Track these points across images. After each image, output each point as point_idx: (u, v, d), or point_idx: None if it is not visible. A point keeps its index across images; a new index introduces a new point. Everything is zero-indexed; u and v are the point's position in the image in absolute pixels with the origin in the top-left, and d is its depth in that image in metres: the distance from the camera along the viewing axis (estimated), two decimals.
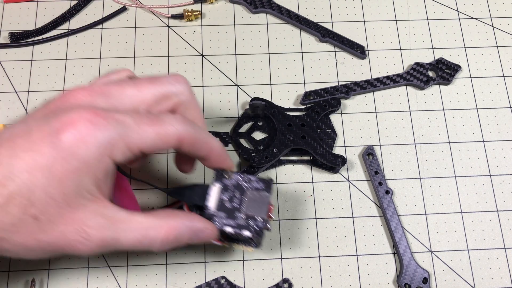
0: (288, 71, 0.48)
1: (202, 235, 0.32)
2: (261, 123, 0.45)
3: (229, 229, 0.33)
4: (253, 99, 0.44)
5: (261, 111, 0.44)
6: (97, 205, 0.29)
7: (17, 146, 0.27)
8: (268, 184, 0.35)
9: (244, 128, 0.45)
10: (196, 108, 0.34)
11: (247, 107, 0.45)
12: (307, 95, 0.46)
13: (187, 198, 0.35)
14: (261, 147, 0.44)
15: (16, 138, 0.27)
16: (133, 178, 0.36)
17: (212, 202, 0.34)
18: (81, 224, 0.28)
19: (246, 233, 0.34)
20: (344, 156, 0.43)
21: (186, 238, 0.32)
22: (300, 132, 0.44)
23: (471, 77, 0.48)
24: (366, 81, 0.47)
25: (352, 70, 0.48)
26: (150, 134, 0.29)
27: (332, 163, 0.42)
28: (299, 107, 0.46)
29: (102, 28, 0.49)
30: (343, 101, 0.47)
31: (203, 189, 0.34)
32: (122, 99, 0.30)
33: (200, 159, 0.34)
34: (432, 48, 0.49)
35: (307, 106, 0.46)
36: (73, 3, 0.49)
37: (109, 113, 0.28)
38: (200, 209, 0.35)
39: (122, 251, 0.36)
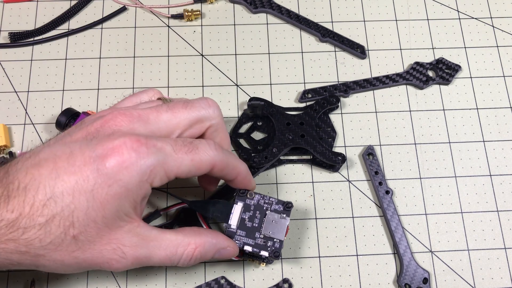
0: (288, 71, 0.48)
1: (224, 252, 0.35)
2: (260, 123, 0.45)
3: (248, 248, 0.36)
4: (251, 99, 0.44)
5: (260, 111, 0.44)
6: (132, 225, 0.31)
7: (59, 168, 0.28)
8: (287, 206, 0.37)
9: (244, 129, 0.45)
10: (225, 132, 0.36)
11: (246, 107, 0.45)
12: (306, 93, 0.46)
13: (210, 213, 0.37)
14: (261, 147, 0.44)
15: (58, 160, 0.28)
16: (157, 189, 0.38)
17: (234, 220, 0.37)
18: (118, 243, 0.30)
19: (264, 253, 0.36)
20: (344, 154, 0.43)
21: (210, 255, 0.34)
22: (299, 131, 0.43)
23: (471, 77, 0.48)
24: (365, 80, 0.47)
25: (352, 70, 0.48)
26: (186, 162, 0.31)
27: (332, 161, 0.42)
28: (298, 106, 0.46)
29: (102, 28, 0.49)
30: (343, 100, 0.47)
31: (226, 207, 0.37)
32: (159, 124, 0.32)
33: (226, 181, 0.36)
34: (432, 48, 0.49)
35: (306, 105, 0.46)
36: (73, 3, 0.49)
37: (150, 140, 0.30)
38: (214, 217, 0.37)
39: (152, 266, 0.39)
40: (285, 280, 0.40)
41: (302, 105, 0.46)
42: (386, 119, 0.46)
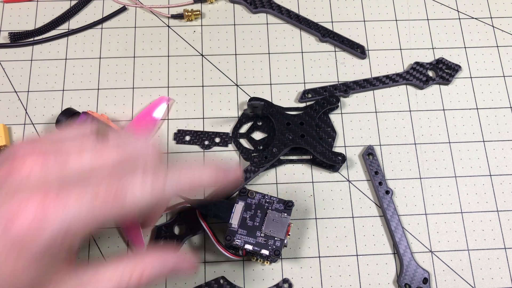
0: (288, 71, 0.48)
1: (179, 268, 0.30)
2: (260, 123, 0.45)
3: (249, 247, 0.37)
4: (251, 99, 0.44)
5: (260, 111, 0.44)
6: (62, 275, 0.26)
7: None
8: (288, 205, 0.38)
9: (244, 129, 0.45)
10: (162, 170, 0.29)
11: (246, 107, 0.45)
12: (305, 93, 0.46)
13: (212, 213, 0.38)
14: (261, 147, 0.44)
15: None
16: None
17: (235, 219, 0.37)
18: None
19: (265, 252, 0.36)
20: (344, 154, 0.43)
21: (162, 275, 0.30)
22: (299, 131, 0.43)
23: (471, 77, 0.48)
24: (365, 80, 0.47)
25: (352, 70, 0.48)
26: (111, 211, 0.26)
27: (332, 161, 0.42)
28: (298, 106, 0.46)
29: (102, 28, 0.49)
30: (343, 100, 0.47)
31: (228, 207, 0.38)
32: (79, 165, 0.27)
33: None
34: (432, 48, 0.49)
35: (306, 105, 0.46)
36: (73, 3, 0.49)
37: (62, 192, 0.25)
38: (215, 216, 0.38)
39: None
40: (285, 280, 0.40)
41: (302, 105, 0.46)
42: (386, 119, 0.46)
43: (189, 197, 0.42)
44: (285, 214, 0.37)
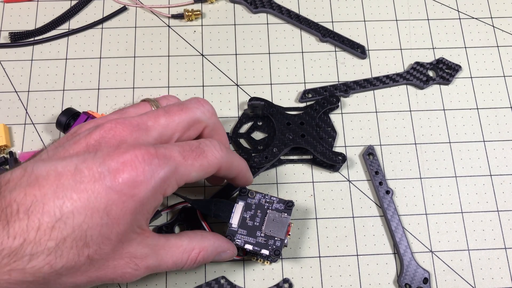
0: (288, 71, 0.48)
1: (224, 255, 0.36)
2: (260, 123, 0.45)
3: (249, 247, 0.37)
4: (252, 99, 0.44)
5: (260, 111, 0.44)
6: (143, 236, 0.30)
7: (65, 186, 0.26)
8: (288, 205, 0.37)
9: (244, 128, 0.45)
10: (222, 130, 0.36)
11: (246, 107, 0.45)
12: (306, 93, 0.46)
13: (212, 212, 0.37)
14: (261, 147, 0.44)
15: (61, 177, 0.26)
16: None
17: (235, 219, 0.37)
18: (130, 256, 0.29)
19: (265, 252, 0.36)
20: (344, 153, 0.43)
21: (212, 258, 0.34)
22: (299, 130, 0.43)
23: (471, 77, 0.48)
24: (366, 80, 0.47)
25: (353, 70, 0.48)
26: (196, 168, 0.30)
27: (332, 161, 0.42)
28: (298, 106, 0.46)
29: (102, 28, 0.49)
30: (343, 100, 0.47)
31: (228, 207, 0.37)
32: (159, 130, 0.31)
33: (227, 178, 0.37)
34: (433, 48, 0.49)
35: (306, 105, 0.46)
36: (73, 3, 0.49)
37: (159, 150, 0.29)
38: (215, 216, 0.38)
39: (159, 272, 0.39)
40: (285, 280, 0.40)
41: (302, 105, 0.46)
42: (387, 119, 0.46)
43: (190, 197, 0.42)
44: (285, 214, 0.37)
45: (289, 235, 0.38)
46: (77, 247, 0.26)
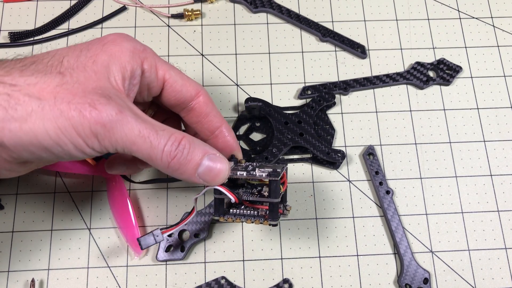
0: (288, 71, 0.48)
1: (213, 161, 0.30)
2: (258, 124, 0.45)
3: (242, 173, 0.32)
4: (248, 99, 0.44)
5: (257, 112, 0.44)
6: (120, 92, 0.30)
7: (64, 48, 0.31)
8: (282, 164, 0.34)
9: (242, 130, 0.45)
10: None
11: (243, 108, 0.45)
12: (305, 89, 0.46)
13: None
14: (260, 148, 0.44)
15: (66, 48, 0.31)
16: (136, 182, 0.37)
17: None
18: (103, 92, 0.28)
19: (260, 173, 0.32)
20: (344, 151, 0.43)
21: (199, 155, 0.30)
22: (297, 129, 0.43)
23: (471, 77, 0.48)
24: (365, 78, 0.47)
25: (353, 69, 0.48)
26: (175, 72, 0.34)
27: (332, 159, 0.42)
28: (294, 105, 0.46)
29: (102, 28, 0.49)
30: (343, 100, 0.47)
31: None
32: None
33: (208, 136, 0.35)
34: (433, 48, 0.49)
35: (302, 104, 0.46)
36: (73, 2, 0.49)
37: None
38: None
39: (131, 149, 0.31)
40: (285, 280, 0.40)
41: (299, 103, 0.46)
42: (387, 119, 0.46)
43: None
44: (279, 165, 0.33)
45: (288, 210, 0.34)
46: (51, 64, 0.29)
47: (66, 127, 0.27)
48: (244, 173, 0.32)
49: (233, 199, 0.33)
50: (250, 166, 0.33)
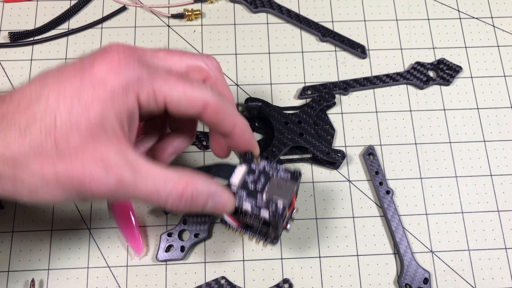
0: (288, 71, 0.48)
1: (218, 200, 0.31)
2: (258, 124, 0.45)
3: (247, 207, 0.33)
4: (248, 99, 0.44)
5: (257, 112, 0.44)
6: (119, 144, 0.28)
7: (48, 77, 0.28)
8: (295, 175, 0.34)
9: None
10: (225, 85, 0.34)
11: (243, 109, 0.45)
12: (305, 89, 0.46)
13: (213, 173, 0.35)
14: (260, 148, 0.44)
15: (48, 74, 0.28)
16: None
17: (236, 178, 0.34)
18: (102, 157, 0.27)
19: (264, 213, 0.33)
20: (344, 151, 0.43)
21: (203, 199, 0.31)
22: (297, 129, 0.43)
23: (472, 77, 0.48)
24: (365, 78, 0.47)
25: (353, 69, 0.48)
26: (178, 90, 0.29)
27: (332, 159, 0.42)
28: (294, 105, 0.46)
29: (102, 28, 0.49)
30: (343, 99, 0.47)
31: (230, 168, 0.35)
32: (154, 60, 0.31)
33: (224, 136, 0.34)
34: (433, 48, 0.49)
35: (302, 104, 0.46)
36: (73, 2, 0.49)
37: (144, 56, 0.29)
38: (216, 175, 0.35)
39: (137, 200, 0.34)
40: (285, 280, 0.40)
41: (299, 103, 0.46)
42: (387, 119, 0.46)
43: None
44: (291, 182, 0.34)
45: (293, 208, 0.35)
46: (45, 127, 0.27)
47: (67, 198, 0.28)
48: (250, 207, 0.33)
49: (234, 226, 0.35)
50: (258, 196, 0.33)
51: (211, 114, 0.31)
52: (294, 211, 0.35)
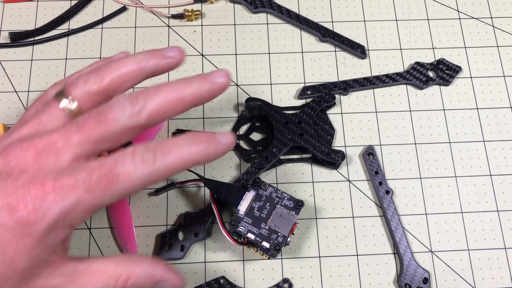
0: (288, 71, 0.48)
1: (163, 286, 0.30)
2: (258, 124, 0.45)
3: (251, 236, 0.37)
4: (248, 99, 0.44)
5: (257, 112, 0.44)
6: (53, 267, 0.27)
7: None
8: (298, 204, 0.38)
9: (242, 130, 0.45)
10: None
11: (243, 109, 0.45)
12: (305, 89, 0.46)
13: (223, 195, 0.38)
14: (260, 148, 0.44)
15: None
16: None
17: (243, 207, 0.38)
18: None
19: (266, 244, 0.37)
20: (343, 151, 0.43)
21: (147, 285, 0.30)
22: (297, 129, 0.44)
23: (471, 77, 0.48)
24: (365, 79, 0.47)
25: (353, 70, 0.48)
26: (106, 198, 0.27)
27: (332, 159, 0.42)
28: (294, 105, 0.46)
29: (102, 28, 0.49)
30: (343, 100, 0.47)
31: (239, 193, 0.38)
32: (72, 151, 0.27)
33: None
34: (433, 48, 0.49)
35: (303, 104, 0.46)
36: (73, 3, 0.49)
37: (60, 182, 0.26)
38: (225, 200, 0.38)
39: None
40: (285, 280, 0.40)
41: (299, 103, 0.46)
42: (386, 119, 0.46)
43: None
44: (293, 213, 0.38)
45: (292, 234, 0.38)
46: None
47: None
48: (253, 238, 0.37)
49: (235, 243, 0.39)
50: (262, 225, 0.37)
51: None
52: (295, 228, 0.39)
